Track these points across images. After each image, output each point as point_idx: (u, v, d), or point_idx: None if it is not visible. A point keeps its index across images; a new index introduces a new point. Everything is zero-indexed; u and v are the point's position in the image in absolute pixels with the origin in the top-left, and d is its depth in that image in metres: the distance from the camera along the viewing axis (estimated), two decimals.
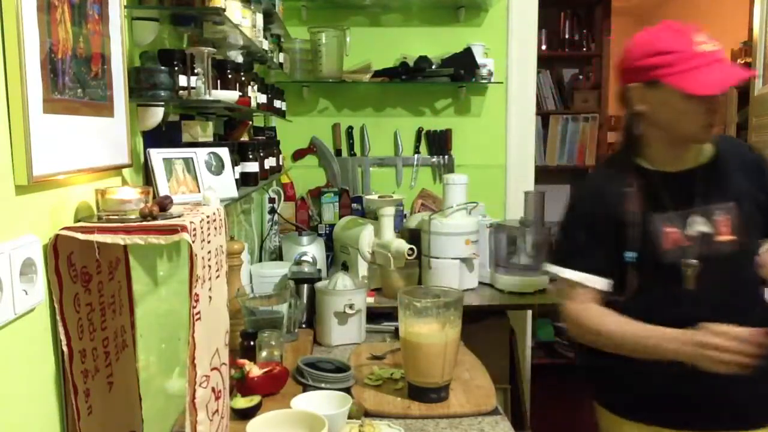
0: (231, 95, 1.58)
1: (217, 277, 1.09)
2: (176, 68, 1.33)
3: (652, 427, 1.46)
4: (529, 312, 3.07)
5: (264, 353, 1.67)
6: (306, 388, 1.57)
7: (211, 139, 1.59)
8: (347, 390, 1.55)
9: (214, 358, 1.06)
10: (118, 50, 1.15)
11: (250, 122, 2.21)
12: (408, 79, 2.90)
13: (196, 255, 0.95)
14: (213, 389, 1.05)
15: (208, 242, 1.03)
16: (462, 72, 2.88)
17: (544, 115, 4.01)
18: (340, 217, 2.86)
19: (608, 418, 1.54)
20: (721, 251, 1.39)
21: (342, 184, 3.07)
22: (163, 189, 1.25)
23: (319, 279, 2.15)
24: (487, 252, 2.61)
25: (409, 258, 2.24)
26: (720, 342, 1.23)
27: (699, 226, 1.40)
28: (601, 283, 1.46)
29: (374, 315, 2.16)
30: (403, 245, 2.23)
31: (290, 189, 2.99)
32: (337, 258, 2.66)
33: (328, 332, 1.99)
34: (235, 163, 1.57)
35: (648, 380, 1.44)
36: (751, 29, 2.84)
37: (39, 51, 0.87)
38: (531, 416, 2.77)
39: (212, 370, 1.05)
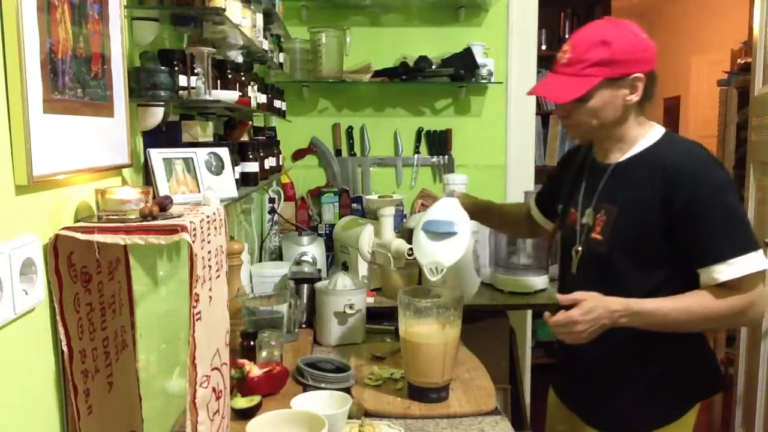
0: (231, 95, 1.58)
1: (217, 277, 1.09)
2: (176, 68, 1.33)
3: (557, 398, 1.66)
4: (529, 312, 3.07)
5: (264, 353, 1.67)
6: (306, 388, 1.57)
7: (211, 139, 1.59)
8: (347, 390, 1.55)
9: (215, 358, 1.06)
10: (118, 50, 1.15)
11: (250, 122, 2.21)
12: (408, 79, 2.90)
13: (196, 255, 0.95)
14: (214, 389, 1.05)
15: (208, 242, 1.03)
16: (462, 72, 2.88)
17: (544, 115, 4.00)
18: (340, 217, 2.86)
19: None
20: (592, 246, 1.46)
21: (342, 184, 3.07)
22: (163, 189, 1.25)
23: (319, 279, 2.15)
24: (487, 252, 2.60)
25: (409, 258, 2.24)
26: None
27: (586, 218, 1.49)
28: None
29: (374, 315, 2.16)
30: (403, 245, 2.23)
31: (290, 189, 2.99)
32: (337, 258, 2.66)
33: (328, 332, 1.99)
34: (235, 163, 1.57)
35: (560, 358, 1.65)
36: (751, 29, 2.84)
37: (39, 51, 0.87)
38: (531, 416, 2.77)
39: (213, 370, 1.05)
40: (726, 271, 1.29)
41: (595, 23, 1.42)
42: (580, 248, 1.49)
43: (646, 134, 1.44)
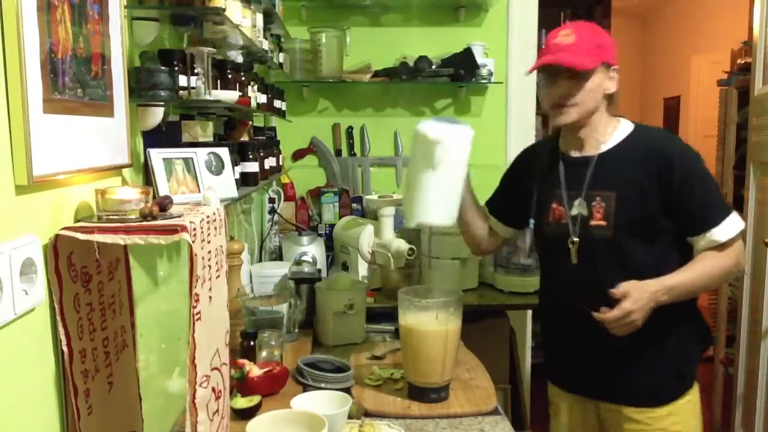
0: (231, 95, 1.58)
1: (217, 277, 1.09)
2: (176, 68, 1.33)
3: (566, 393, 1.68)
4: (529, 312, 3.06)
5: (264, 353, 1.67)
6: (306, 388, 1.57)
7: (211, 139, 1.59)
8: (347, 390, 1.55)
9: (215, 358, 1.06)
10: (118, 50, 1.15)
11: (250, 122, 2.21)
12: (408, 79, 2.90)
13: (196, 255, 0.95)
14: (213, 389, 1.05)
15: (208, 242, 1.03)
16: (462, 72, 2.88)
17: (544, 115, 4.01)
18: (340, 217, 2.86)
19: (549, 388, 1.74)
20: (594, 233, 1.52)
21: (342, 184, 3.07)
22: (163, 189, 1.25)
23: (319, 279, 2.15)
24: None
25: (409, 258, 2.24)
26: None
27: (577, 209, 1.55)
28: None
29: (374, 315, 2.16)
30: (403, 245, 2.23)
31: (290, 189, 2.99)
32: (337, 258, 2.66)
33: (328, 332, 1.99)
34: (235, 163, 1.57)
35: (557, 349, 1.69)
36: (751, 29, 2.84)
37: (39, 51, 0.88)
38: (531, 416, 2.77)
39: (212, 370, 1.05)
40: (722, 232, 1.46)
41: (576, 23, 1.54)
42: (576, 239, 1.54)
43: (618, 126, 1.57)
